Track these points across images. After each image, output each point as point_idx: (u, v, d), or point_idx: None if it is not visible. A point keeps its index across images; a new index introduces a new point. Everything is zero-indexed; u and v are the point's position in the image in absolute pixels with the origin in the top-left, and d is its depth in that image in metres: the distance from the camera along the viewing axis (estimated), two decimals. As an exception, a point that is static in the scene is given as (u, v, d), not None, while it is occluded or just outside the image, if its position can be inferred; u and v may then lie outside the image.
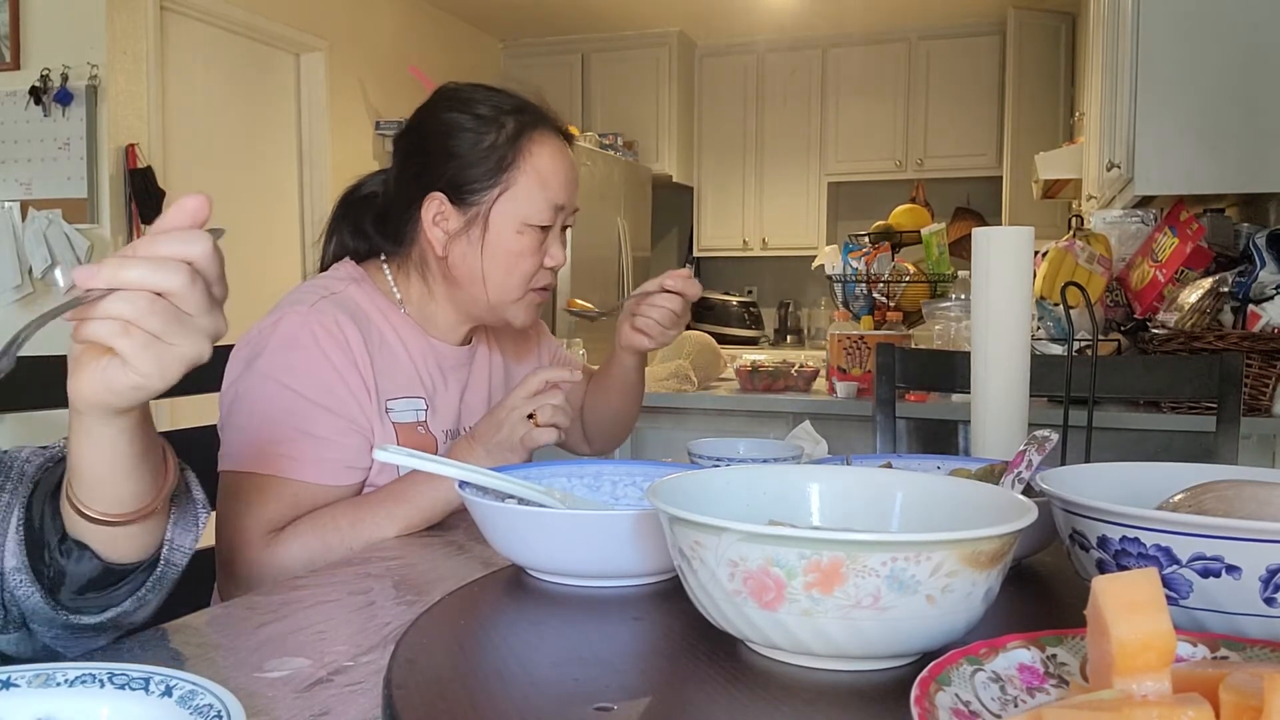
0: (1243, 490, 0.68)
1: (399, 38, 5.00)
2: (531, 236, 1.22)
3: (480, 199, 1.20)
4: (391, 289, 1.26)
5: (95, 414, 0.62)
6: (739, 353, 4.17)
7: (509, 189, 1.20)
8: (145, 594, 0.73)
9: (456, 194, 1.21)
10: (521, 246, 1.21)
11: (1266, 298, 2.32)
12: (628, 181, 5.21)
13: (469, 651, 0.64)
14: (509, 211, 1.20)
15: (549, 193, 1.22)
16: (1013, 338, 1.18)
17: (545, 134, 1.23)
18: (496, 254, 1.21)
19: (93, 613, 0.71)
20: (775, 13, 5.29)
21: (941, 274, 3.02)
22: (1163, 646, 0.43)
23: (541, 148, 1.22)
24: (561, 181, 1.23)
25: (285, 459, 1.11)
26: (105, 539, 0.69)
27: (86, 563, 0.70)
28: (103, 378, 0.59)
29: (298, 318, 1.14)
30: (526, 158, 1.21)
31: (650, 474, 0.97)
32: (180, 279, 0.57)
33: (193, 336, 0.59)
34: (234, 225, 4.63)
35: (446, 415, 1.26)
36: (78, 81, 3.43)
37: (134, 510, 0.68)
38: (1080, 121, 4.11)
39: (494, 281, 1.22)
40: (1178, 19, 2.42)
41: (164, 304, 0.57)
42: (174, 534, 0.73)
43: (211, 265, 0.59)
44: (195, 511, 0.76)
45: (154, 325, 0.57)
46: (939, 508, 0.70)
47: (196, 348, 0.59)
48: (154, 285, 0.56)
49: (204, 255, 0.59)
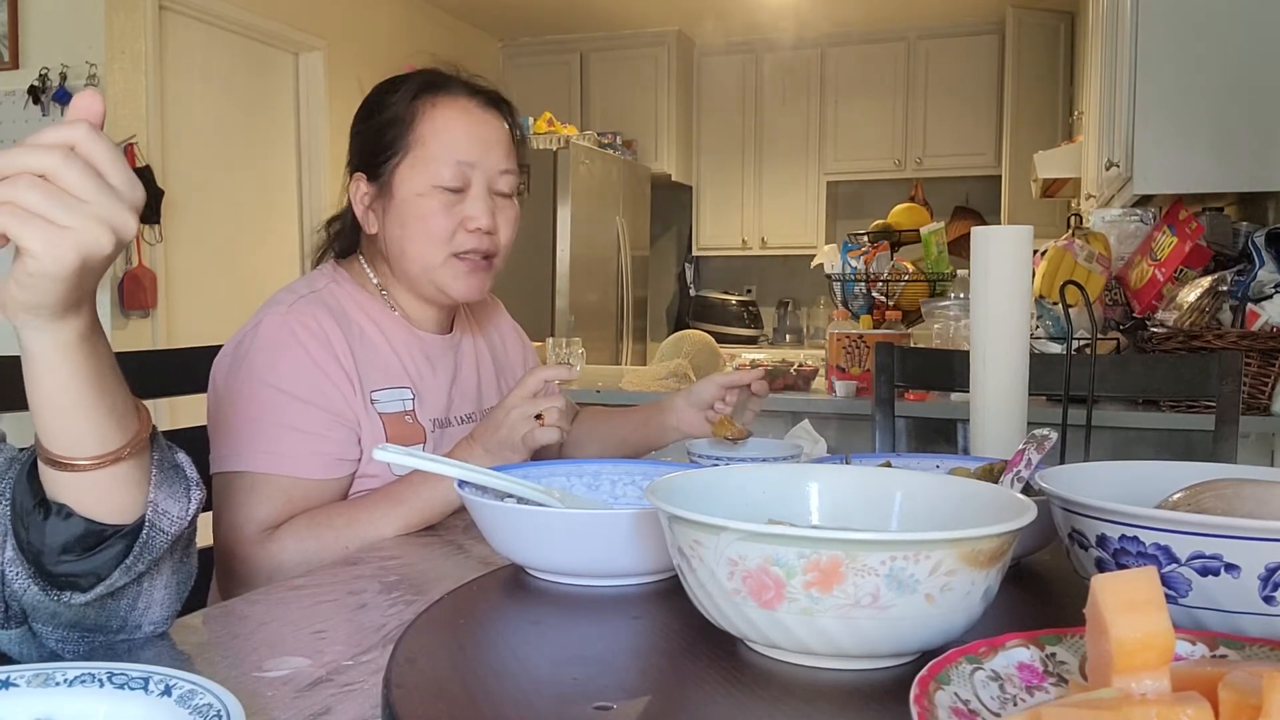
0: (1241, 489, 0.68)
1: (398, 37, 4.99)
2: (438, 198, 1.20)
3: (385, 168, 1.22)
4: (370, 279, 1.28)
5: (23, 321, 0.63)
6: (738, 352, 4.17)
7: (409, 153, 1.21)
8: (133, 561, 0.70)
9: (370, 170, 1.24)
10: (427, 209, 1.20)
11: (1265, 296, 2.32)
12: (626, 180, 5.21)
13: (468, 651, 0.64)
14: (410, 175, 1.21)
15: (451, 151, 1.20)
16: (1012, 337, 1.18)
17: (446, 95, 1.23)
18: (405, 219, 1.21)
19: (82, 588, 0.70)
20: (774, 12, 5.28)
21: (940, 273, 3.02)
22: (1162, 645, 0.43)
23: (440, 108, 1.22)
24: (466, 139, 1.21)
25: (274, 455, 1.11)
26: (77, 490, 0.68)
27: (66, 520, 0.69)
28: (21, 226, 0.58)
29: (277, 318, 1.16)
30: (424, 120, 1.21)
31: (649, 473, 0.97)
32: (54, 158, 0.58)
33: (85, 221, 0.59)
34: (233, 225, 4.61)
35: (435, 404, 1.26)
36: (76, 81, 3.43)
37: (98, 454, 0.68)
38: (1079, 120, 4.11)
39: (411, 249, 1.22)
40: (1176, 18, 2.42)
41: (42, 182, 0.58)
42: (157, 497, 0.72)
43: (95, 149, 0.60)
44: (186, 484, 0.75)
45: (32, 201, 0.57)
46: (938, 507, 0.70)
47: (91, 233, 0.59)
48: (27, 167, 0.58)
49: (84, 138, 0.59)
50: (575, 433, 1.51)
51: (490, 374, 1.40)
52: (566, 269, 4.63)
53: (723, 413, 1.32)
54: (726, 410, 1.33)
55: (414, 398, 1.24)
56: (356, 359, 1.18)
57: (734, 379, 1.33)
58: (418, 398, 1.24)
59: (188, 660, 0.69)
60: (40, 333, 0.63)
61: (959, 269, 2.98)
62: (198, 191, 3.87)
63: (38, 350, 0.64)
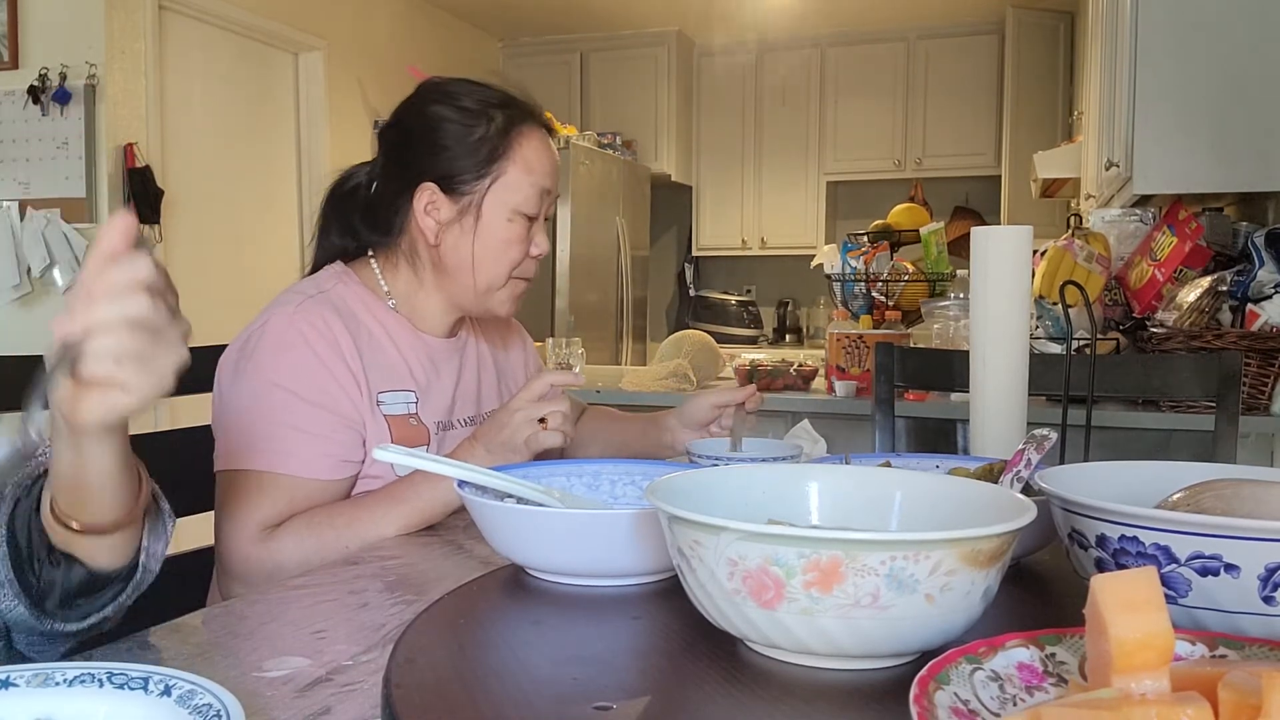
0: (1241, 489, 0.68)
1: (398, 37, 4.99)
2: (520, 224, 1.26)
3: (473, 188, 1.24)
4: (379, 282, 1.28)
5: (95, 435, 0.67)
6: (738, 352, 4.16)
7: (500, 178, 1.24)
8: (125, 599, 0.77)
9: (448, 184, 1.24)
10: (511, 234, 1.25)
11: (1265, 296, 2.32)
12: (626, 181, 5.21)
13: (468, 651, 0.64)
14: (500, 200, 1.24)
15: (536, 180, 1.26)
16: (1011, 337, 1.18)
17: (532, 126, 1.28)
18: (488, 241, 1.25)
19: (75, 619, 0.75)
20: (774, 12, 5.28)
21: (940, 273, 3.02)
22: (1161, 645, 0.43)
23: (528, 140, 1.26)
24: (547, 169, 1.28)
25: (278, 455, 1.11)
26: (90, 549, 0.74)
27: (74, 571, 0.74)
28: (108, 404, 0.63)
29: (284, 318, 1.16)
30: (516, 149, 1.25)
31: (649, 473, 0.97)
32: (143, 303, 0.62)
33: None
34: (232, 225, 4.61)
35: (438, 407, 1.27)
36: (76, 81, 3.43)
37: (117, 519, 0.73)
38: (1079, 120, 4.11)
39: (483, 269, 1.25)
40: (1176, 18, 2.42)
41: (139, 329, 0.62)
42: (149, 542, 0.78)
43: (158, 278, 0.64)
44: (164, 520, 0.81)
45: (139, 349, 0.62)
46: (938, 507, 0.70)
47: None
48: (124, 316, 0.61)
49: (151, 273, 0.63)
50: (580, 431, 1.51)
51: (492, 378, 1.40)
52: (566, 269, 4.63)
53: (715, 435, 1.34)
54: (721, 433, 1.34)
55: (418, 400, 1.24)
56: (364, 360, 1.18)
57: (725, 398, 1.35)
58: (422, 400, 1.24)
59: (187, 660, 0.69)
60: (101, 443, 0.68)
61: (959, 269, 2.98)
62: (197, 191, 3.87)
63: (93, 453, 0.68)
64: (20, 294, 3.44)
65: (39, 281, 3.45)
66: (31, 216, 3.43)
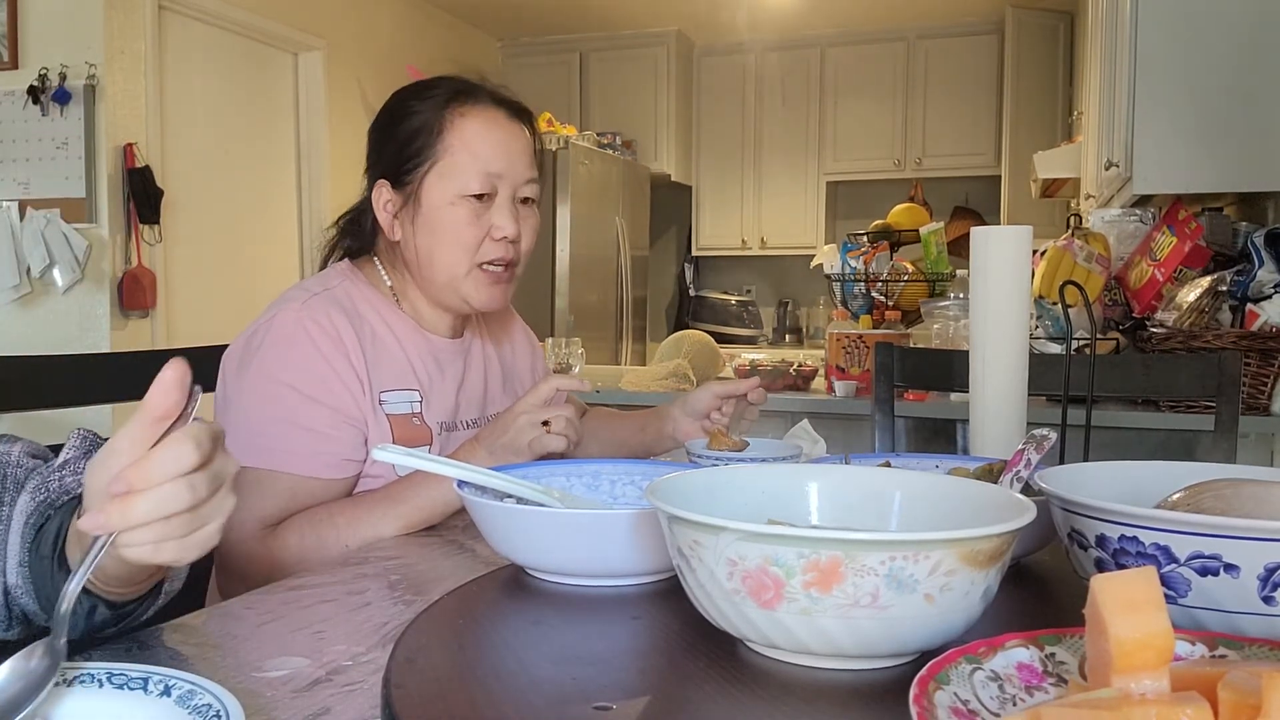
0: (1241, 489, 0.68)
1: (397, 37, 4.99)
2: (466, 208, 1.21)
3: (413, 177, 1.22)
4: (384, 281, 1.28)
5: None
6: (737, 352, 4.16)
7: (438, 162, 1.21)
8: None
9: (395, 177, 1.23)
10: (455, 218, 1.21)
11: (1265, 296, 2.32)
12: (626, 181, 5.21)
13: (468, 651, 0.64)
14: (438, 185, 1.21)
15: (480, 162, 1.21)
16: (1011, 337, 1.18)
17: (474, 104, 1.23)
18: (433, 229, 1.21)
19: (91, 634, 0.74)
20: (774, 12, 5.28)
21: (940, 273, 3.02)
22: (1161, 645, 0.43)
23: (469, 119, 1.22)
24: (494, 150, 1.22)
25: (280, 453, 1.11)
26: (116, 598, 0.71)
27: (97, 612, 0.71)
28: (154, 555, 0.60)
29: (290, 315, 1.16)
30: (452, 129, 1.21)
31: (649, 473, 0.97)
32: (184, 496, 0.58)
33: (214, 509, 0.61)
34: (232, 225, 4.61)
35: (442, 407, 1.26)
36: (75, 81, 3.43)
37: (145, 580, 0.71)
38: (1079, 120, 4.11)
39: (436, 258, 1.22)
40: (1176, 18, 2.42)
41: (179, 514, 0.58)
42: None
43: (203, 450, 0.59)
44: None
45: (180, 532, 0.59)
46: (937, 507, 0.70)
47: (220, 511, 0.61)
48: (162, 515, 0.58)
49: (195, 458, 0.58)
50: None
51: (497, 380, 1.39)
52: (566, 269, 4.63)
53: (718, 423, 1.32)
54: (723, 421, 1.32)
55: (422, 400, 1.23)
56: (367, 359, 1.18)
57: (729, 388, 1.33)
58: (425, 400, 1.24)
59: (187, 660, 0.69)
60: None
61: (958, 269, 2.98)
62: (197, 191, 3.87)
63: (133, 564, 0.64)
64: (20, 294, 3.44)
65: (39, 281, 3.45)
66: (31, 216, 3.43)
